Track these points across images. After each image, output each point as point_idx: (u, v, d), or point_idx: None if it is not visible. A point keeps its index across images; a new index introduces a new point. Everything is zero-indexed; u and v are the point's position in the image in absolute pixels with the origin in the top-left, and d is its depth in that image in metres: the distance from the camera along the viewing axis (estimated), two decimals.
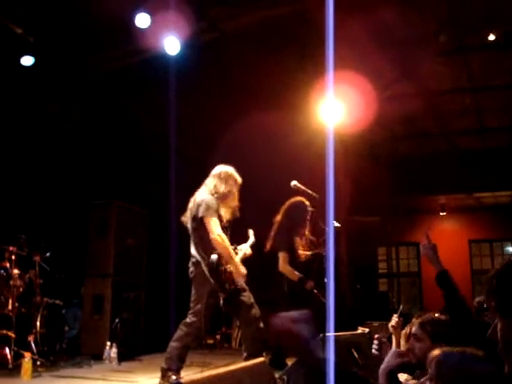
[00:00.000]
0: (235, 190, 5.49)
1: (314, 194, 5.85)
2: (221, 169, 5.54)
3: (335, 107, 8.32)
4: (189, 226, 5.39)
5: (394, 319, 3.76)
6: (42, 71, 7.69)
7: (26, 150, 7.98)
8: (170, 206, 7.08)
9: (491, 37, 8.31)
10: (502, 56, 8.93)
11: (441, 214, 15.20)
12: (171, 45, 7.25)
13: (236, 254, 5.33)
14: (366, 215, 12.81)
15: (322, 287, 5.85)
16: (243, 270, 5.25)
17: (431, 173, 12.59)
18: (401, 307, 3.98)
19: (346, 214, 10.13)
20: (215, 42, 7.84)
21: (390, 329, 3.77)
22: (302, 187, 5.85)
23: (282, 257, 6.44)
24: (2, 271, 6.55)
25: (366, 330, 4.37)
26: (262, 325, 5.31)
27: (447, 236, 15.47)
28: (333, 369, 3.26)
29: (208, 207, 5.19)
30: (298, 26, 7.60)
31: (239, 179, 5.54)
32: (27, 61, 7.51)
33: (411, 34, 8.04)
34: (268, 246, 6.55)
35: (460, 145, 12.66)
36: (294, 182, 5.90)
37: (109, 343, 7.45)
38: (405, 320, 3.87)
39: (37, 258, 7.15)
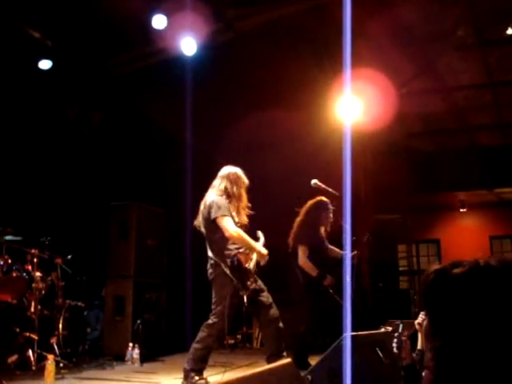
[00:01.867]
0: (244, 192, 5.49)
1: (335, 193, 5.82)
2: (229, 170, 5.51)
3: (353, 104, 8.29)
4: (202, 229, 5.38)
5: (421, 317, 3.73)
6: (60, 75, 7.74)
7: (47, 154, 8.05)
8: (187, 206, 7.09)
9: (509, 31, 8.22)
10: None
11: (461, 210, 15.07)
12: (188, 46, 7.26)
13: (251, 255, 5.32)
14: (386, 213, 12.75)
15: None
16: (265, 251, 5.27)
17: (451, 169, 12.49)
18: None
19: (366, 212, 10.08)
20: (231, 41, 7.83)
21: (416, 326, 3.74)
22: (323, 186, 5.83)
23: (301, 250, 6.43)
24: (25, 274, 6.61)
25: (389, 328, 4.33)
26: (281, 324, 5.32)
27: (468, 232, 15.35)
28: (351, 368, 3.25)
29: (219, 207, 5.19)
30: (314, 23, 7.57)
31: (247, 180, 5.52)
32: (45, 65, 7.56)
33: (429, 30, 7.98)
34: (291, 244, 6.55)
35: (480, 140, 12.54)
36: (314, 181, 5.87)
37: (131, 344, 7.47)
38: None
39: (58, 261, 7.22)
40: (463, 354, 1.23)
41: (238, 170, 5.53)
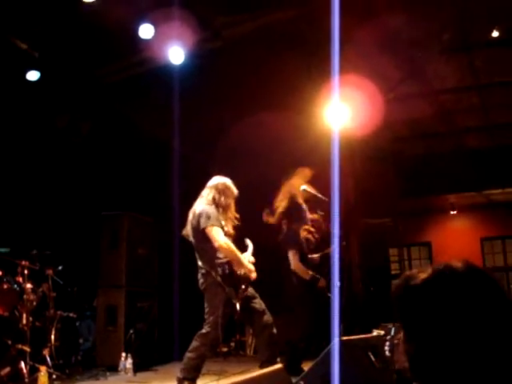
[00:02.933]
0: (233, 202, 5.50)
1: (324, 198, 5.83)
2: (218, 180, 5.52)
3: (341, 110, 8.32)
4: (191, 239, 5.38)
5: None
6: (49, 85, 7.73)
7: (37, 165, 8.03)
8: (176, 215, 7.10)
9: (494, 33, 8.28)
10: (507, 52, 8.89)
11: (451, 212, 15.14)
12: (175, 54, 7.28)
13: None
14: (377, 217, 12.78)
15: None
16: (253, 268, 5.28)
17: (440, 172, 12.53)
18: None
19: (357, 216, 10.11)
20: (219, 49, 7.85)
21: None
22: (312, 191, 5.85)
23: (292, 255, 6.46)
24: (16, 286, 6.58)
25: (382, 332, 4.35)
26: (274, 331, 5.32)
27: (459, 234, 15.42)
28: (339, 372, 3.26)
29: (208, 217, 5.19)
30: (302, 29, 7.60)
31: (236, 191, 5.53)
32: (33, 76, 7.56)
33: (415, 35, 8.03)
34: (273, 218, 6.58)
35: (468, 143, 12.62)
36: (303, 187, 5.89)
37: (124, 354, 7.45)
38: None
39: (49, 272, 7.20)
40: (433, 358, 1.26)
41: (227, 181, 5.54)
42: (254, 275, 5.29)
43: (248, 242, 5.57)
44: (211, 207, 5.29)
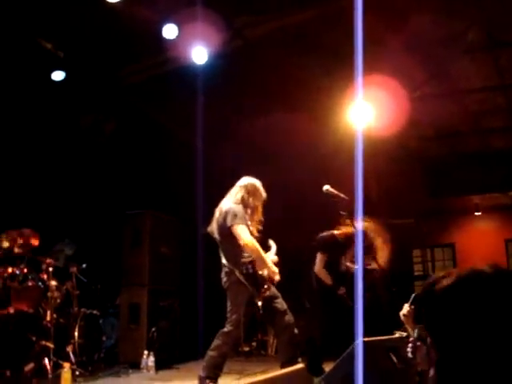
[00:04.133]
0: (260, 205, 5.48)
1: (346, 198, 5.80)
2: (248, 180, 5.51)
3: (365, 110, 8.28)
4: (216, 236, 5.38)
5: (406, 308, 3.74)
6: (73, 85, 7.81)
7: (61, 164, 8.11)
8: (198, 213, 7.12)
9: None
10: None
11: (476, 213, 14.97)
12: (199, 54, 7.30)
13: None
14: (400, 218, 12.69)
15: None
16: (276, 270, 5.26)
17: (464, 173, 12.41)
18: (412, 296, 3.93)
19: (380, 217, 10.04)
20: (242, 49, 7.86)
21: (402, 317, 3.75)
22: (335, 191, 5.81)
23: (319, 258, 6.46)
24: (40, 283, 6.66)
25: (404, 334, 4.32)
26: (296, 331, 5.31)
27: (483, 236, 15.24)
28: (364, 374, 3.24)
29: (235, 215, 5.18)
30: (325, 30, 7.58)
31: (264, 194, 5.52)
32: (58, 76, 7.64)
33: (440, 34, 7.96)
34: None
35: (493, 143, 12.46)
36: (326, 187, 5.85)
37: (146, 352, 7.50)
38: None
39: (73, 270, 7.28)
40: (460, 365, 1.21)
41: (257, 182, 5.52)
42: (277, 277, 5.29)
43: (271, 242, 5.57)
44: (238, 206, 5.28)
